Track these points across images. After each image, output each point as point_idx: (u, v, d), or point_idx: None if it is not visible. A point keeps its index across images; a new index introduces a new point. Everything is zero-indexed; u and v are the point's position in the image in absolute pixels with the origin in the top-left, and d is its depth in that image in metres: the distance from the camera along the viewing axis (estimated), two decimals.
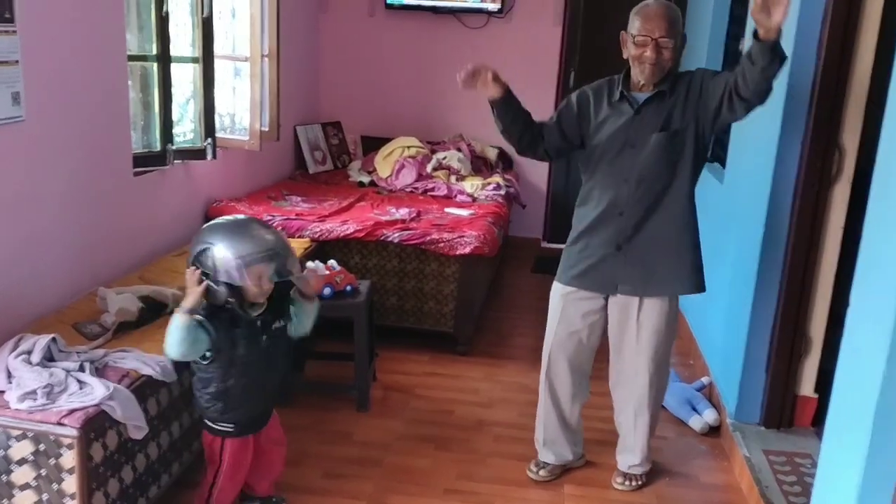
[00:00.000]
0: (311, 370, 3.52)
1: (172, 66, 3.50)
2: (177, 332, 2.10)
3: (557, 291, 2.73)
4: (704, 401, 3.33)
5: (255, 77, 4.09)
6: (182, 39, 3.67)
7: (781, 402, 3.00)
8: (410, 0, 5.38)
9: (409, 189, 4.81)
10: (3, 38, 2.45)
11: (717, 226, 3.45)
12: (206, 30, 3.64)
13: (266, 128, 4.25)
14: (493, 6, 5.33)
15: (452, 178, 4.94)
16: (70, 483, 2.07)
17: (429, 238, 3.73)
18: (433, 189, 4.75)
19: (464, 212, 4.27)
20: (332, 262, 3.29)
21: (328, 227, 3.82)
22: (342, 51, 5.63)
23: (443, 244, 3.71)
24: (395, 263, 3.83)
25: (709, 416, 3.22)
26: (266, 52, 4.14)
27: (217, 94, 3.80)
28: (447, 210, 4.30)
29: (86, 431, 2.05)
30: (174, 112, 3.57)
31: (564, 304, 2.69)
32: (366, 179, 5.04)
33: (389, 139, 5.32)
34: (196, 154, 3.73)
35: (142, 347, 2.47)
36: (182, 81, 3.70)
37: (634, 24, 2.45)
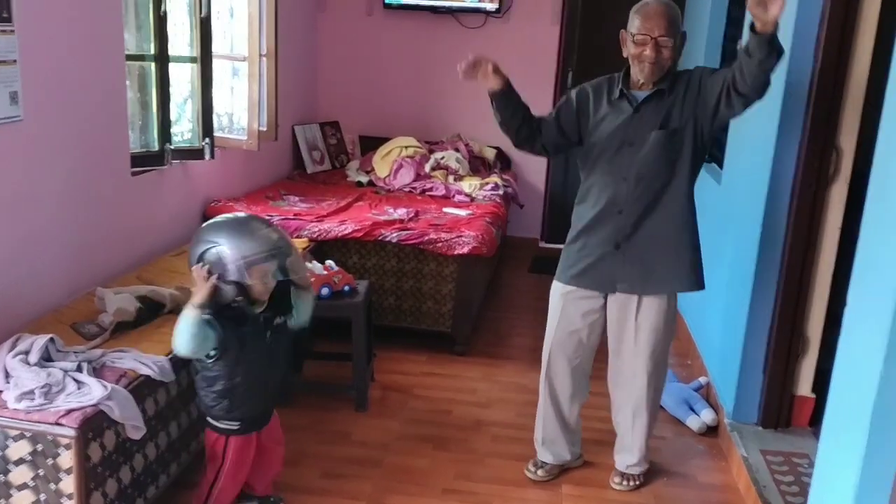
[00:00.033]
0: (310, 370, 3.52)
1: (170, 66, 3.49)
2: (187, 329, 2.11)
3: (557, 291, 2.73)
4: (702, 401, 3.33)
5: (254, 77, 4.09)
6: (180, 39, 3.67)
7: (779, 402, 3.00)
8: (409, 0, 5.39)
9: (408, 189, 4.81)
10: (1, 38, 2.44)
11: (715, 226, 3.45)
12: (204, 29, 3.64)
13: (264, 127, 4.26)
14: (492, 6, 5.33)
15: (450, 178, 4.94)
16: (68, 483, 2.06)
17: (427, 238, 3.74)
18: (431, 189, 4.75)
19: (462, 212, 4.27)
20: (330, 262, 3.29)
21: (326, 227, 3.82)
22: (340, 50, 5.62)
23: (441, 244, 3.71)
24: (394, 263, 3.83)
25: (706, 416, 3.22)
26: (264, 52, 4.14)
27: (215, 94, 3.79)
28: (445, 210, 4.30)
29: (83, 431, 2.05)
30: (172, 112, 3.56)
31: (564, 304, 2.69)
32: (364, 179, 5.04)
33: (387, 139, 5.32)
34: (194, 154, 3.73)
35: (140, 347, 2.47)
36: (180, 81, 3.70)
37: (634, 23, 2.45)
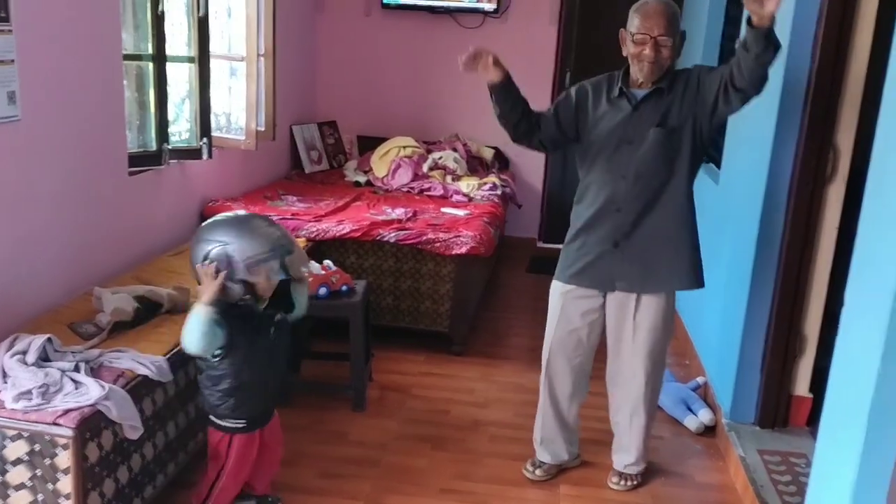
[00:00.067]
0: (307, 370, 3.51)
1: (168, 66, 3.49)
2: (198, 327, 2.12)
3: (557, 290, 2.73)
4: (700, 401, 3.34)
5: (251, 76, 4.08)
6: (178, 39, 3.66)
7: (776, 402, 3.00)
8: (407, 0, 5.38)
9: (406, 189, 4.81)
10: None
11: (713, 226, 3.45)
12: (202, 29, 3.64)
13: (262, 127, 4.25)
14: (490, 6, 5.33)
15: (448, 178, 4.94)
16: (65, 483, 2.06)
17: (425, 238, 3.73)
18: (429, 189, 4.75)
19: (460, 212, 4.27)
20: (328, 262, 3.29)
21: (324, 227, 3.82)
22: (338, 50, 5.62)
23: (439, 244, 3.71)
24: (391, 263, 3.83)
25: (704, 416, 3.23)
26: (262, 52, 4.14)
27: (213, 94, 3.79)
28: (443, 210, 4.30)
29: (81, 431, 2.05)
30: (170, 111, 3.56)
31: (564, 303, 2.69)
32: (362, 179, 5.03)
33: (385, 139, 5.31)
34: (192, 154, 3.73)
35: (137, 347, 2.46)
36: (178, 81, 3.70)
37: (633, 22, 2.45)
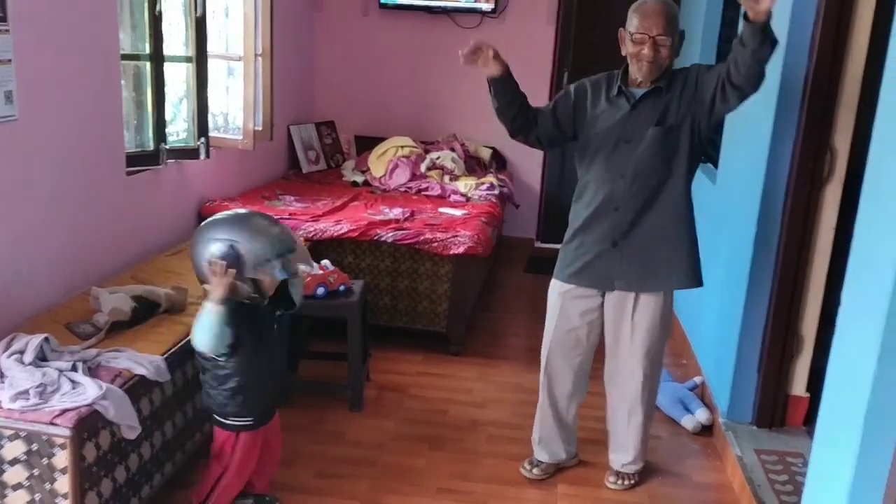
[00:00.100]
0: (305, 370, 3.51)
1: (166, 66, 3.49)
2: (211, 326, 2.12)
3: (555, 289, 2.73)
4: (697, 400, 3.34)
5: (249, 76, 4.08)
6: (175, 38, 3.66)
7: (773, 402, 3.01)
8: (404, 0, 5.39)
9: (403, 189, 4.81)
10: None
11: (710, 226, 3.46)
12: (200, 29, 3.63)
13: (259, 127, 4.25)
14: (487, 6, 5.33)
15: (446, 178, 4.94)
16: (63, 483, 2.06)
17: (422, 238, 3.74)
18: (427, 189, 4.75)
19: (457, 212, 4.27)
20: (326, 262, 3.29)
21: (322, 227, 3.82)
22: (336, 50, 5.62)
23: (436, 244, 3.72)
24: (389, 263, 3.83)
25: (701, 416, 3.23)
26: (260, 52, 4.14)
27: (210, 94, 3.79)
28: (441, 210, 4.30)
29: (78, 431, 2.05)
30: (167, 111, 3.56)
31: (562, 302, 2.69)
32: (359, 179, 5.03)
33: (383, 139, 5.31)
34: (189, 153, 3.72)
35: (135, 347, 2.46)
36: (175, 81, 3.69)
37: (633, 22, 2.46)
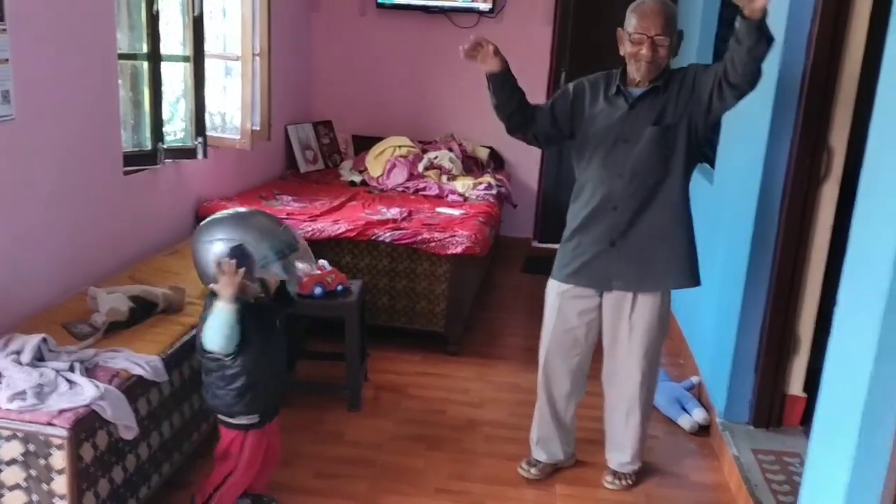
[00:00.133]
0: (303, 370, 3.51)
1: (163, 65, 3.49)
2: (223, 326, 2.13)
3: (553, 289, 2.73)
4: (694, 400, 3.34)
5: (247, 76, 4.08)
6: (173, 38, 3.65)
7: (770, 402, 3.01)
8: (401, 0, 5.38)
9: (401, 189, 4.81)
10: None
11: (707, 226, 3.46)
12: (197, 29, 3.63)
13: (257, 127, 4.25)
14: (485, 6, 5.33)
15: (444, 178, 4.94)
16: (60, 483, 2.06)
17: (420, 238, 3.74)
18: (424, 189, 4.75)
19: (455, 211, 4.27)
20: (323, 262, 3.29)
21: (319, 227, 3.82)
22: (333, 50, 5.62)
23: (434, 244, 3.72)
24: (387, 263, 3.83)
25: (698, 416, 3.23)
26: (257, 52, 4.13)
27: (208, 94, 3.78)
28: (438, 210, 4.30)
29: (76, 432, 2.05)
30: (165, 111, 3.55)
31: (560, 302, 2.69)
32: (357, 179, 5.03)
33: (381, 139, 5.31)
34: (187, 153, 3.72)
35: (132, 347, 2.46)
36: (173, 80, 3.69)
37: (631, 22, 2.46)
